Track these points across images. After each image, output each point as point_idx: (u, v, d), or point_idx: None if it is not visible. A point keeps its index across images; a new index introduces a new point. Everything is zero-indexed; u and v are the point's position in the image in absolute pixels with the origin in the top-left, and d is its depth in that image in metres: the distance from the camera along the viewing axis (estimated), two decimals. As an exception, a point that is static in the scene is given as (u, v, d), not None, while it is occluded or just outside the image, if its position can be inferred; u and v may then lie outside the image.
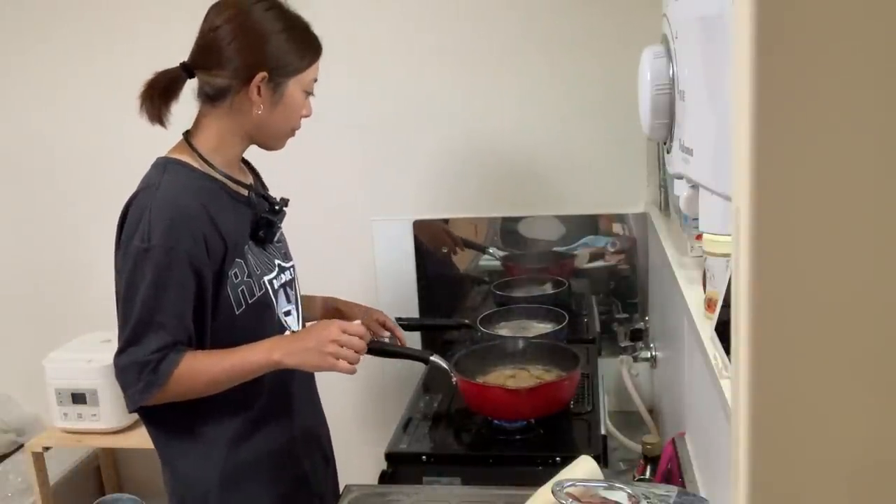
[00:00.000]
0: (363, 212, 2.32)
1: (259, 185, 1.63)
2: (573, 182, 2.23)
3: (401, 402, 1.94)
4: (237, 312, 1.43)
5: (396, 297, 2.33)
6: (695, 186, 1.00)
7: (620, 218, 2.25)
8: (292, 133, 1.52)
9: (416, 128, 2.25)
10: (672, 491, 1.10)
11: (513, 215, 2.30)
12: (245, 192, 1.50)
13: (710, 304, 1.19)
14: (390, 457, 1.68)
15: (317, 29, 2.30)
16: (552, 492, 1.12)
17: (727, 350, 0.97)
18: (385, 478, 1.65)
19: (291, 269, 1.60)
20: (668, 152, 1.10)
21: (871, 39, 0.49)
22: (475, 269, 2.38)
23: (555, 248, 2.31)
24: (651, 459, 1.61)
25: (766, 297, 0.52)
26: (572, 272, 2.30)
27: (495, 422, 1.75)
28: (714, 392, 1.03)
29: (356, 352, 1.45)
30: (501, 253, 2.34)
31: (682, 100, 0.99)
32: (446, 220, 2.33)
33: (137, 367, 1.35)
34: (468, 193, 2.28)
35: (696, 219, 1.06)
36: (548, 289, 2.31)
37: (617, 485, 1.11)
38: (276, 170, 2.34)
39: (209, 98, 1.43)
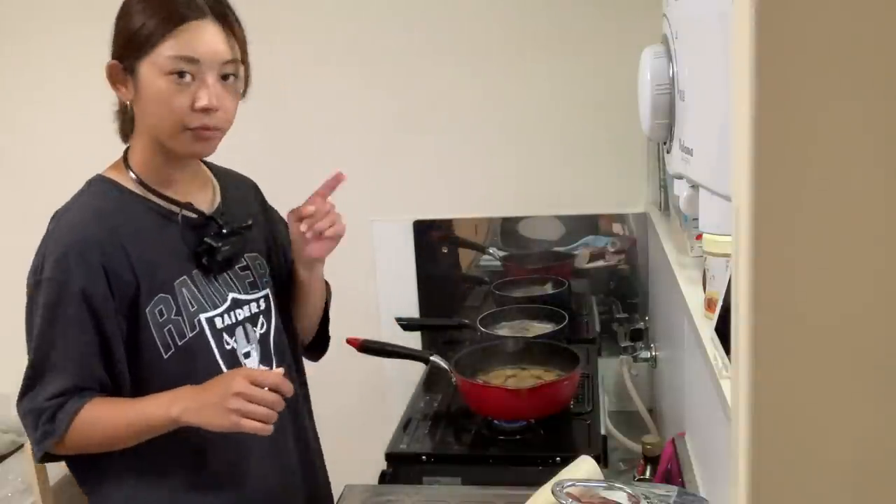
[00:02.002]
0: (363, 212, 2.32)
1: (225, 203, 1.37)
2: (573, 182, 2.23)
3: (401, 402, 1.94)
4: (165, 357, 1.23)
5: (396, 297, 2.33)
6: (695, 186, 1.00)
7: (620, 218, 2.25)
8: (186, 130, 1.20)
9: (416, 128, 2.25)
10: (672, 491, 1.10)
11: (513, 215, 2.30)
12: (190, 214, 1.29)
13: (710, 304, 1.19)
14: (390, 457, 1.68)
15: (317, 29, 2.32)
16: (552, 492, 1.12)
17: (727, 350, 0.97)
18: (385, 478, 1.65)
19: (262, 302, 1.37)
20: (668, 152, 1.10)
21: (872, 39, 0.49)
22: (475, 269, 2.38)
23: (555, 248, 2.31)
24: (651, 459, 1.61)
25: (766, 297, 0.52)
26: (572, 272, 2.30)
27: (495, 422, 1.75)
28: (714, 392, 1.03)
29: (270, 407, 1.17)
30: (501, 253, 2.34)
31: (682, 100, 0.99)
32: (446, 220, 2.33)
33: (34, 414, 1.19)
34: (468, 193, 2.28)
35: (696, 219, 1.06)
36: (548, 289, 2.31)
37: (617, 485, 1.11)
38: (276, 170, 2.35)
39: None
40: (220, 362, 1.29)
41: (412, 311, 2.34)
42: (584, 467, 1.38)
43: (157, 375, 1.23)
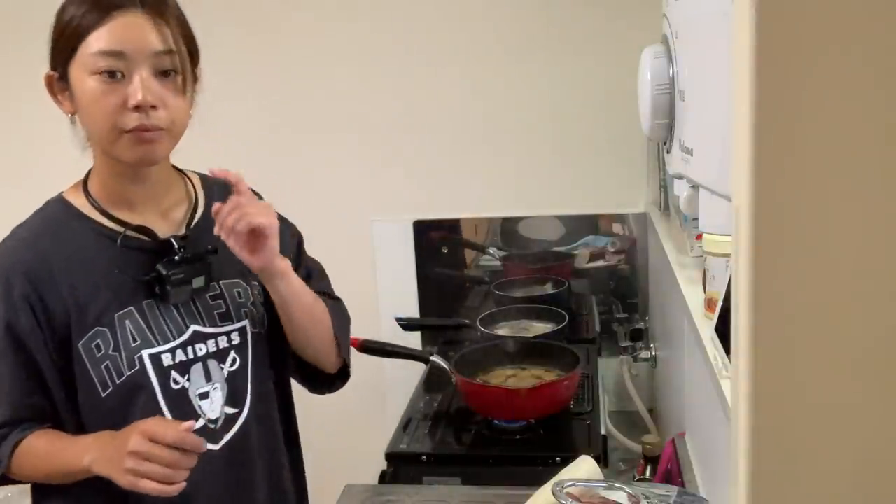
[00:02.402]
0: (363, 212, 2.32)
1: (206, 221, 1.23)
2: (573, 182, 2.23)
3: (401, 402, 1.94)
4: (102, 395, 1.15)
5: (396, 297, 2.33)
6: (695, 186, 1.00)
7: (620, 218, 2.25)
8: (124, 134, 1.10)
9: (416, 128, 2.25)
10: (672, 491, 1.10)
11: (513, 215, 2.30)
12: (144, 238, 1.18)
13: (710, 304, 1.19)
14: (390, 457, 1.68)
15: (317, 29, 2.32)
16: (552, 492, 1.12)
17: (727, 350, 0.97)
18: (385, 478, 1.65)
19: (235, 335, 1.24)
20: (668, 152, 1.10)
21: (872, 39, 0.49)
22: (475, 269, 2.38)
23: (555, 248, 2.31)
24: (651, 459, 1.61)
25: (766, 297, 0.52)
26: (572, 272, 2.30)
27: (495, 422, 1.75)
28: (714, 392, 1.03)
29: (172, 466, 1.05)
30: (501, 253, 2.34)
31: (682, 100, 0.99)
32: (446, 220, 2.33)
33: None
34: (468, 193, 2.28)
35: (696, 219, 1.06)
36: (548, 289, 2.31)
37: (617, 485, 1.11)
38: (276, 169, 2.35)
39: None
40: (163, 404, 1.18)
41: (412, 311, 2.34)
42: (584, 467, 1.38)
43: (96, 414, 1.15)
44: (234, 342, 1.24)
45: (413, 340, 2.25)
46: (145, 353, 1.16)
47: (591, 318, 2.28)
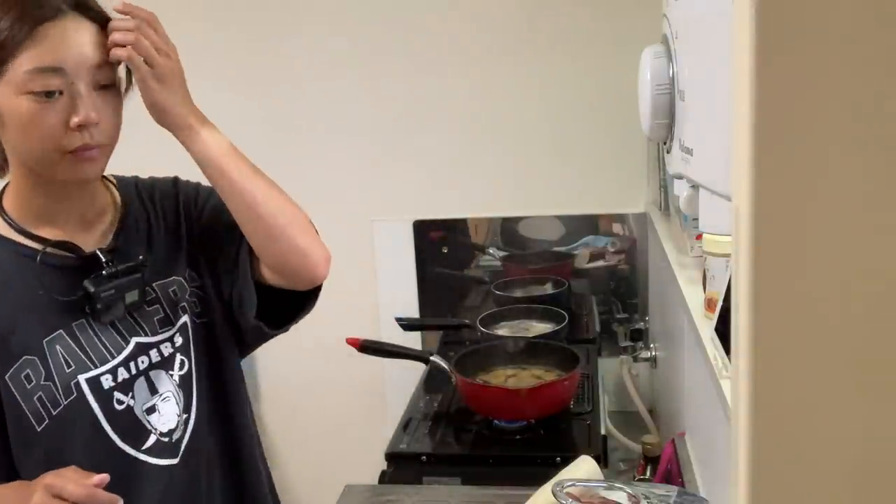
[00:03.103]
0: (363, 212, 2.32)
1: (125, 232, 1.15)
2: (573, 182, 2.23)
3: (401, 402, 1.94)
4: (38, 429, 1.04)
5: (396, 297, 2.33)
6: (695, 186, 1.00)
7: (620, 218, 2.25)
8: (66, 154, 1.02)
9: (416, 128, 2.25)
10: (672, 491, 1.10)
11: (513, 215, 2.30)
12: (67, 254, 1.09)
13: (710, 304, 1.19)
14: (390, 457, 1.68)
15: (318, 30, 2.32)
16: (552, 492, 1.12)
17: (727, 350, 0.97)
18: (385, 478, 1.65)
19: (177, 337, 1.16)
20: (668, 152, 1.10)
21: (872, 39, 0.49)
22: (475, 269, 2.38)
23: (555, 248, 2.31)
24: (651, 459, 1.61)
25: (766, 297, 0.52)
26: (572, 272, 2.30)
27: (495, 422, 1.75)
28: (714, 392, 1.03)
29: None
30: (501, 253, 2.34)
31: (682, 100, 0.99)
32: (446, 220, 2.33)
33: None
34: (468, 193, 2.28)
35: (696, 219, 1.06)
36: (548, 289, 2.31)
37: (617, 485, 1.11)
38: (277, 169, 2.34)
39: None
40: (108, 429, 1.09)
41: (412, 311, 2.34)
42: (584, 467, 1.38)
43: (34, 450, 1.05)
44: (177, 344, 1.16)
45: (413, 340, 2.25)
46: (82, 378, 1.06)
47: (591, 318, 2.28)
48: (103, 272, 1.08)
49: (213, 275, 1.21)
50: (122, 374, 1.10)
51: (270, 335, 1.25)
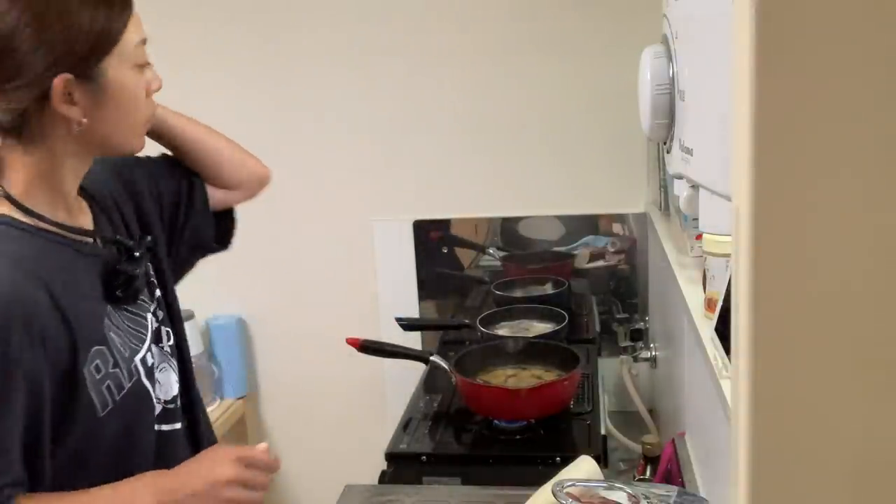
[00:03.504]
0: (363, 212, 2.32)
1: (105, 219, 1.15)
2: (573, 182, 2.23)
3: (401, 402, 1.94)
4: (101, 415, 1.03)
5: (396, 297, 2.33)
6: (695, 186, 1.00)
7: (620, 218, 2.25)
8: (148, 123, 1.11)
9: (416, 128, 2.25)
10: (672, 491, 1.10)
11: (513, 215, 2.30)
12: (89, 240, 1.09)
13: (710, 304, 1.19)
14: (390, 457, 1.68)
15: (318, 29, 2.32)
16: (552, 492, 1.12)
17: (727, 350, 0.97)
18: (385, 478, 1.65)
19: (157, 313, 1.18)
20: (668, 152, 1.10)
21: (872, 39, 0.49)
22: (475, 269, 2.38)
23: (555, 248, 2.31)
24: (651, 459, 1.61)
25: (766, 297, 0.52)
26: (572, 272, 2.30)
27: (495, 422, 1.75)
28: (714, 392, 1.03)
29: (263, 489, 1.07)
30: (501, 253, 2.34)
31: (682, 100, 0.99)
32: (446, 220, 2.33)
33: None
34: (468, 193, 2.28)
35: (696, 219, 1.06)
36: (548, 289, 2.31)
37: (617, 485, 1.11)
38: (275, 170, 2.34)
39: (7, 131, 1.00)
40: (157, 408, 1.13)
41: (412, 311, 2.34)
42: (584, 467, 1.38)
43: (90, 439, 1.03)
44: (160, 318, 1.19)
45: (413, 340, 2.25)
46: (136, 360, 1.09)
47: (591, 318, 2.28)
48: (136, 254, 1.10)
49: (167, 225, 1.29)
50: (152, 356, 1.13)
51: (216, 251, 1.43)
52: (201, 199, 1.34)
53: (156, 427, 1.15)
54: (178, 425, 1.19)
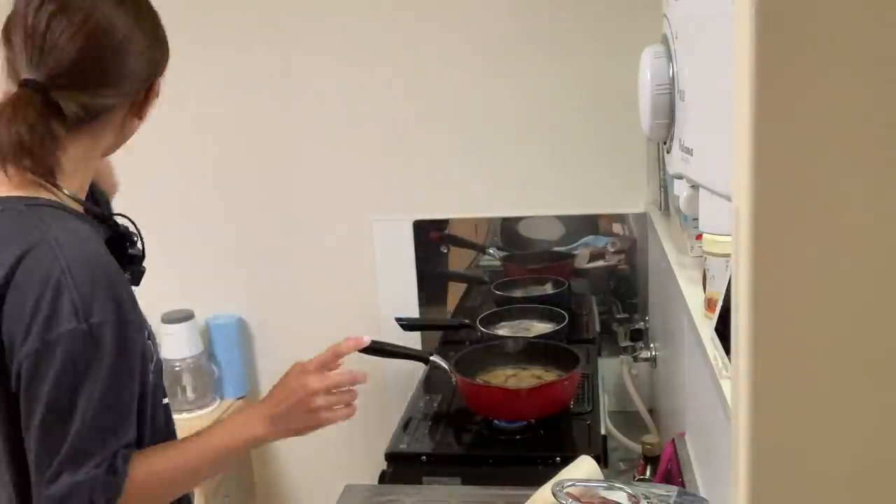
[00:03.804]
0: (363, 211, 2.32)
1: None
2: (573, 182, 2.23)
3: (401, 402, 1.94)
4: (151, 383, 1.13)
5: (396, 297, 2.33)
6: (695, 186, 1.00)
7: (620, 218, 2.25)
8: None
9: (416, 127, 2.25)
10: (672, 491, 1.10)
11: (513, 215, 2.30)
12: (115, 227, 1.17)
13: (710, 304, 1.19)
14: (390, 457, 1.68)
15: (318, 29, 2.32)
16: (552, 492, 1.12)
17: (727, 350, 0.97)
18: (385, 478, 1.65)
19: None
20: (668, 152, 1.10)
21: (872, 39, 0.49)
22: (475, 269, 2.38)
23: (555, 248, 2.31)
24: (651, 459, 1.61)
25: (766, 297, 0.52)
26: (572, 272, 2.30)
27: (495, 422, 1.75)
28: (714, 392, 1.03)
29: (350, 384, 1.22)
30: (501, 253, 2.34)
31: (682, 100, 0.99)
32: (446, 220, 2.33)
33: (84, 489, 0.99)
34: (468, 193, 2.28)
35: (696, 219, 1.06)
36: (548, 289, 2.31)
37: (617, 485, 1.11)
38: (276, 170, 2.35)
39: (70, 120, 1.06)
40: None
41: (412, 311, 2.33)
42: (584, 467, 1.38)
43: (147, 402, 1.11)
44: None
45: (413, 340, 2.25)
46: (151, 329, 1.17)
47: (591, 318, 2.28)
48: (135, 238, 1.19)
49: None
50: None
51: None
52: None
53: (163, 401, 1.19)
54: (166, 400, 1.22)
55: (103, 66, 1.05)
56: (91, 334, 0.99)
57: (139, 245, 1.18)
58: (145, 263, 1.20)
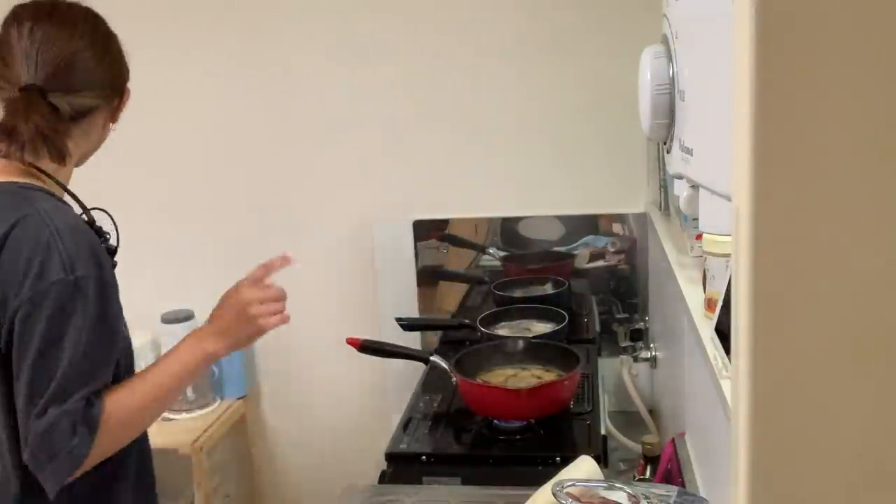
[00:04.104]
0: (363, 212, 2.32)
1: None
2: (573, 182, 2.23)
3: (401, 402, 1.95)
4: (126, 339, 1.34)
5: (396, 297, 2.33)
6: (695, 186, 1.00)
7: (620, 218, 2.25)
8: None
9: (416, 128, 2.25)
10: (672, 491, 1.10)
11: (513, 215, 2.30)
12: (92, 223, 1.31)
13: (710, 304, 1.19)
14: (390, 457, 1.68)
15: (318, 29, 2.32)
16: (552, 492, 1.12)
17: (727, 350, 0.97)
18: (385, 478, 1.65)
19: None
20: (668, 152, 1.10)
21: (871, 39, 0.49)
22: (475, 269, 2.38)
23: (555, 248, 2.31)
24: (651, 459, 1.61)
25: (766, 297, 0.52)
26: (572, 272, 2.30)
27: (495, 422, 1.75)
28: (714, 392, 1.03)
29: (280, 298, 1.36)
30: (501, 253, 2.34)
31: (682, 100, 0.99)
32: (446, 220, 2.33)
33: (68, 418, 1.15)
34: (468, 193, 2.28)
35: (696, 219, 1.06)
36: (548, 289, 2.31)
37: (617, 485, 1.11)
38: (276, 170, 2.35)
39: (64, 117, 1.27)
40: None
41: (412, 311, 2.34)
42: (584, 467, 1.38)
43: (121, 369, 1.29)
44: None
45: (413, 340, 2.25)
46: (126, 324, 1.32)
47: (591, 318, 2.28)
48: (109, 236, 1.32)
49: None
50: None
51: None
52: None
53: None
54: None
55: (85, 73, 1.28)
56: (77, 285, 1.16)
57: (112, 241, 1.31)
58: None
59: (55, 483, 1.17)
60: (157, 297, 2.24)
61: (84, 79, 1.28)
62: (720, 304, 1.06)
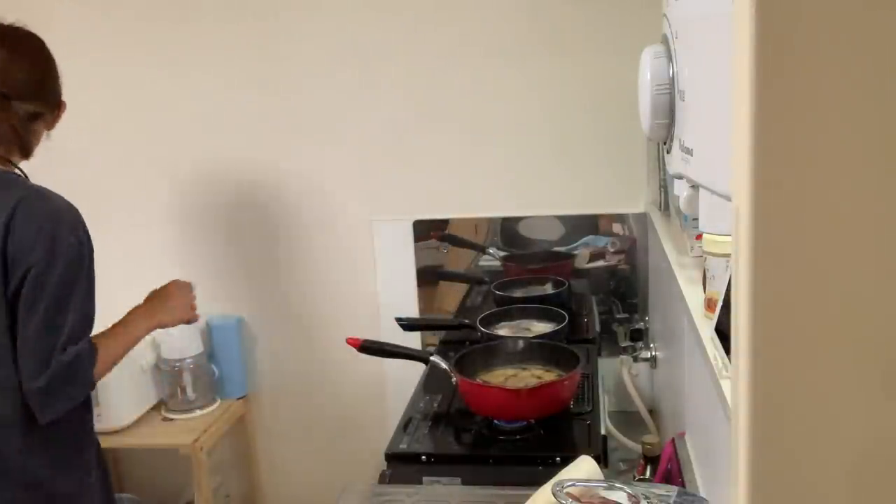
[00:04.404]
0: (363, 211, 2.32)
1: None
2: (573, 182, 2.23)
3: (401, 402, 1.95)
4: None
5: (396, 297, 2.33)
6: (695, 186, 1.00)
7: (620, 218, 2.25)
8: None
9: (416, 128, 2.25)
10: (672, 491, 1.10)
11: (513, 215, 2.30)
12: None
13: (710, 304, 1.19)
14: (390, 457, 1.68)
15: (318, 29, 2.32)
16: (552, 492, 1.12)
17: (727, 350, 0.97)
18: (385, 478, 1.65)
19: None
20: (668, 152, 1.10)
21: (871, 39, 0.49)
22: (475, 269, 2.38)
23: (555, 248, 2.31)
24: (651, 459, 1.61)
25: (766, 297, 0.52)
26: (572, 272, 2.30)
27: (495, 422, 1.75)
28: (714, 392, 1.03)
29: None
30: (501, 253, 2.34)
31: (682, 100, 0.99)
32: (446, 220, 2.33)
33: (87, 354, 1.49)
34: (468, 193, 2.28)
35: (696, 219, 1.06)
36: (548, 289, 2.31)
37: (617, 485, 1.11)
38: (276, 170, 2.35)
39: (24, 121, 1.56)
40: None
41: (412, 311, 2.34)
42: (584, 467, 1.38)
43: None
44: None
45: (413, 340, 2.25)
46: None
47: (591, 318, 2.28)
48: None
49: None
50: None
51: None
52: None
53: None
54: None
55: (39, 85, 1.58)
56: (80, 250, 1.48)
57: None
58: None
59: (66, 404, 1.47)
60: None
61: (39, 91, 1.57)
62: (720, 304, 1.06)
